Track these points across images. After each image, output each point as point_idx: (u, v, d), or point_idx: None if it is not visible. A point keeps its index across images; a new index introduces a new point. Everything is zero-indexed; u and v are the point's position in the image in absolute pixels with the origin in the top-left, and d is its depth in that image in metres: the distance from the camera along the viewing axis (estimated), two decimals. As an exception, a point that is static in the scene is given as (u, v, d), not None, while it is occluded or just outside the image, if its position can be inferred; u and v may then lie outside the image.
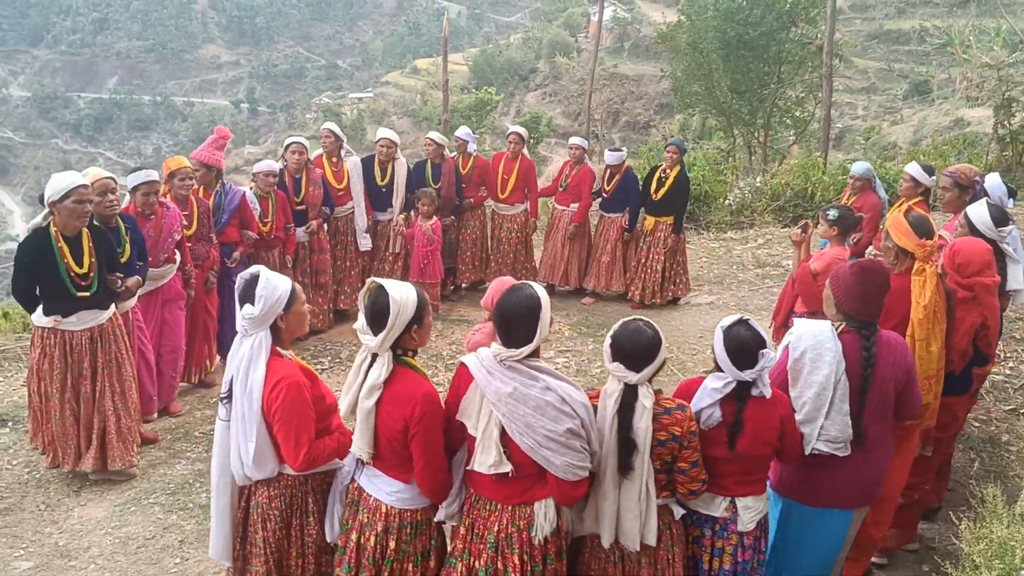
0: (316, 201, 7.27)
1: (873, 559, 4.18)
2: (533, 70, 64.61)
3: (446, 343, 7.51)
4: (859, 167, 6.97)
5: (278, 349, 3.12)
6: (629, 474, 2.93)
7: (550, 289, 8.82)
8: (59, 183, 4.48)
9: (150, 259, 5.37)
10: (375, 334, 2.91)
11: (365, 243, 7.80)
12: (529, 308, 2.84)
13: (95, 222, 4.78)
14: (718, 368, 3.14)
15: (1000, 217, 4.33)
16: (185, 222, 5.80)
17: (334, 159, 7.63)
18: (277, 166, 6.97)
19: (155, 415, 5.75)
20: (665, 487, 3.07)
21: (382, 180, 7.84)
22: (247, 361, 3.05)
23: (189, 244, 5.87)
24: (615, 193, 8.47)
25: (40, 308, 4.67)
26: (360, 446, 3.00)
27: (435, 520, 3.08)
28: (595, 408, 2.95)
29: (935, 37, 37.30)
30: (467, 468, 2.98)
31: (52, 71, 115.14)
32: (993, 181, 5.06)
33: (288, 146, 7.23)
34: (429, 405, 2.90)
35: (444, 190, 8.14)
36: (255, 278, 3.06)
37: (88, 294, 4.66)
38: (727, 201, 13.10)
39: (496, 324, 2.90)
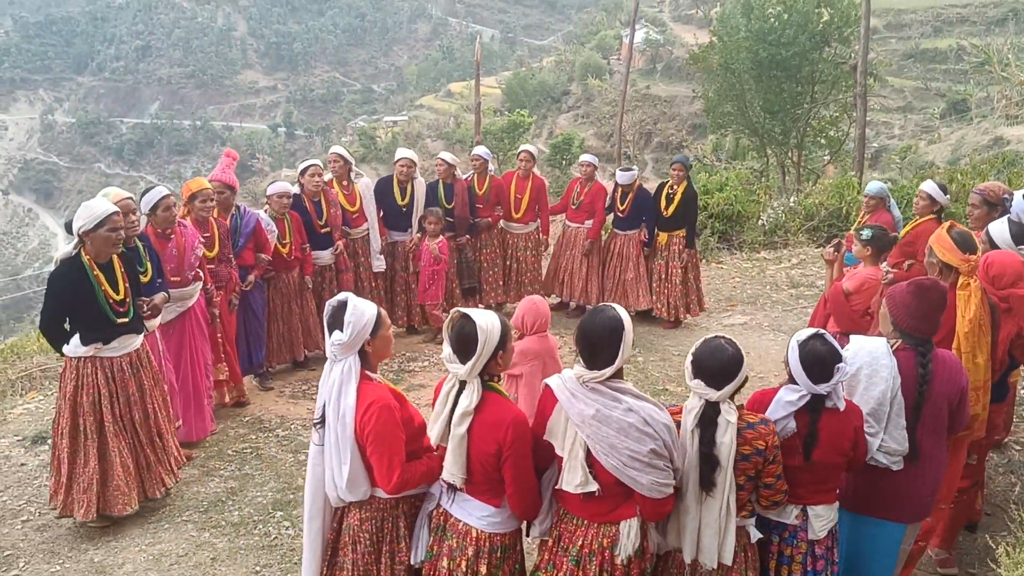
0: (338, 222, 7.35)
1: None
2: (565, 92, 64.88)
3: (477, 363, 7.51)
4: (873, 186, 7.03)
5: (368, 373, 3.14)
6: (712, 490, 2.95)
7: (563, 305, 8.95)
8: (92, 212, 4.39)
9: (178, 279, 5.39)
10: (462, 362, 2.97)
11: (379, 264, 7.81)
12: (612, 330, 2.90)
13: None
14: (792, 380, 3.18)
15: (1020, 234, 4.35)
16: (205, 244, 5.81)
17: (344, 182, 7.62)
18: (291, 188, 6.98)
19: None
20: (745, 505, 3.08)
21: (402, 200, 7.86)
22: (338, 386, 3.07)
23: (212, 266, 5.92)
24: (630, 211, 8.52)
25: (74, 339, 4.53)
26: (453, 472, 3.02)
27: (530, 537, 3.14)
28: (677, 424, 2.99)
29: (972, 55, 36.92)
30: (555, 486, 3.05)
31: (96, 97, 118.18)
32: (1019, 198, 5.00)
33: (305, 169, 7.23)
34: (520, 429, 2.95)
35: (458, 210, 8.13)
36: (343, 304, 3.09)
37: (127, 320, 4.61)
38: (760, 221, 13.01)
39: (579, 346, 2.96)
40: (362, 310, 3.08)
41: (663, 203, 8.38)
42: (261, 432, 6.09)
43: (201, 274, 5.69)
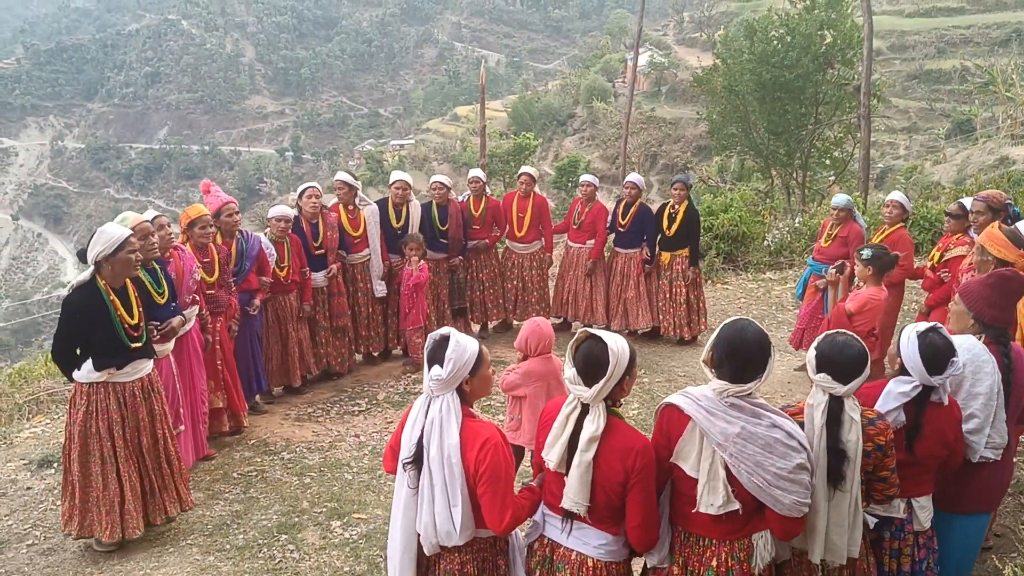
0: (334, 245, 7.39)
1: None
2: (571, 115, 65.20)
3: (482, 385, 7.51)
4: (839, 199, 7.42)
5: (469, 410, 3.03)
6: (840, 484, 2.94)
7: (566, 325, 8.94)
8: (110, 237, 4.41)
9: (175, 304, 5.30)
10: (588, 384, 2.86)
11: (380, 289, 7.85)
12: (760, 345, 2.82)
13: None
14: (903, 372, 3.22)
15: None
16: (205, 269, 5.82)
17: (350, 207, 7.68)
18: (291, 212, 7.03)
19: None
20: (863, 499, 3.11)
21: (398, 222, 7.91)
22: (438, 425, 2.93)
23: (212, 291, 5.92)
24: (631, 227, 8.57)
25: (86, 365, 4.51)
26: (577, 500, 2.88)
27: (650, 566, 3.03)
28: (800, 425, 2.96)
29: (977, 76, 37.00)
30: (674, 508, 2.99)
31: (106, 123, 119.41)
32: None
33: (303, 192, 7.29)
34: (648, 455, 2.86)
35: (452, 231, 8.20)
36: (445, 339, 2.97)
37: (140, 344, 4.61)
38: (765, 242, 13.02)
39: (726, 360, 2.85)
40: (464, 346, 2.96)
41: (665, 223, 8.47)
42: (266, 455, 6.09)
43: (198, 299, 5.68)
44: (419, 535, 3.02)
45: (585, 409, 2.89)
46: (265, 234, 6.77)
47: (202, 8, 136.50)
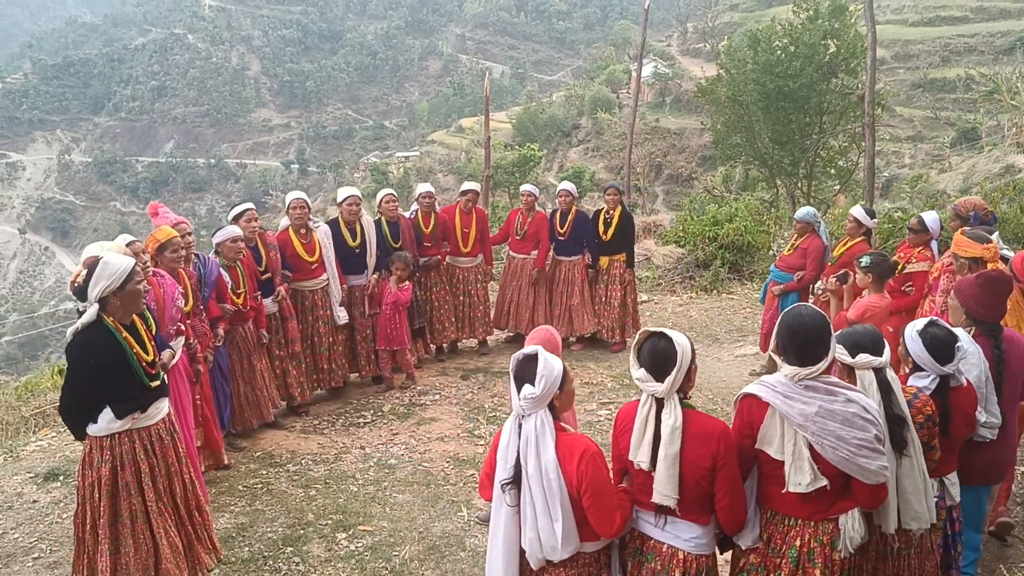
0: (277, 267, 6.80)
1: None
2: (575, 126, 65.36)
3: (488, 395, 7.52)
4: (802, 212, 7.72)
5: (560, 424, 3.08)
6: (905, 448, 3.12)
7: (516, 338, 8.93)
8: (115, 269, 3.87)
9: (160, 332, 4.70)
10: (659, 379, 2.96)
11: (342, 316, 7.29)
12: (819, 327, 2.99)
13: None
14: (917, 368, 3.49)
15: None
16: (182, 298, 5.23)
17: (303, 231, 7.05)
18: (240, 231, 6.29)
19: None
20: None
21: (353, 241, 7.41)
22: (534, 441, 2.98)
23: (189, 321, 5.41)
24: (570, 235, 8.65)
25: (103, 416, 3.94)
26: (667, 493, 2.98)
27: (743, 546, 3.12)
28: None
29: (981, 84, 36.96)
30: (762, 490, 3.12)
31: (112, 137, 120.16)
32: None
33: (240, 214, 6.53)
34: (729, 438, 2.99)
35: (406, 248, 7.85)
36: (533, 357, 3.03)
37: (159, 382, 4.13)
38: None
39: (790, 345, 3.01)
40: (552, 363, 3.03)
41: (601, 228, 8.68)
42: (272, 467, 6.09)
43: (183, 328, 5.22)
44: (524, 552, 3.09)
45: (660, 404, 3.00)
46: (213, 257, 6.10)
47: (208, 22, 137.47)
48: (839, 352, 3.21)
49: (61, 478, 5.94)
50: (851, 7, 19.66)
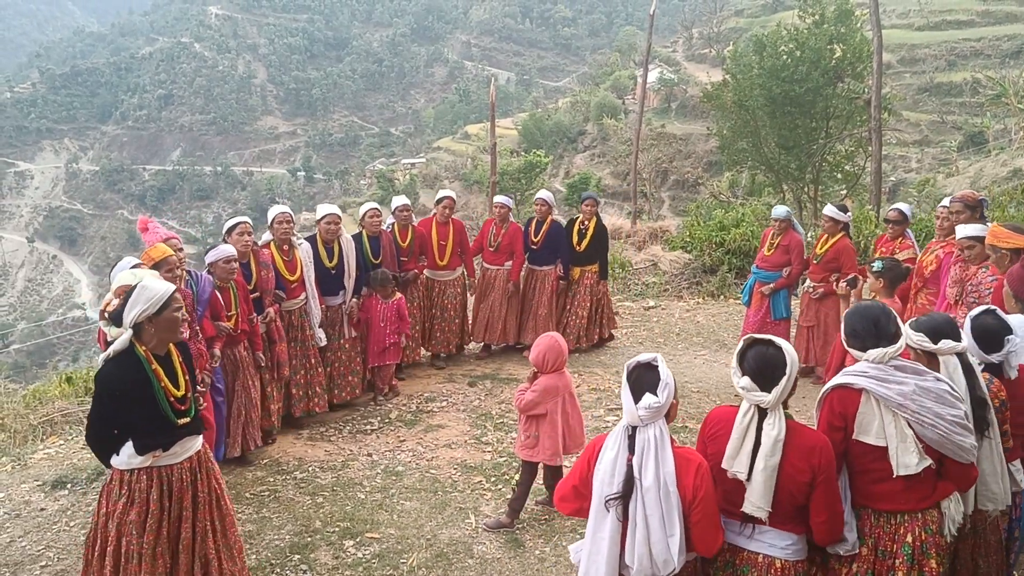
0: (269, 286, 6.43)
1: None
2: (581, 132, 65.48)
3: (495, 402, 7.50)
4: (779, 210, 7.92)
5: (672, 437, 3.01)
6: (988, 429, 3.18)
7: (487, 349, 8.85)
8: (153, 293, 3.69)
9: None
10: (766, 389, 2.88)
11: (322, 336, 6.99)
12: (885, 310, 3.10)
13: None
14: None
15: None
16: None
17: (285, 247, 6.66)
18: (234, 251, 5.93)
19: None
20: None
21: (330, 261, 7.07)
22: (653, 453, 2.89)
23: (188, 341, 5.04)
24: (544, 245, 8.58)
25: (125, 448, 3.76)
26: (760, 504, 2.90)
27: (843, 552, 3.06)
28: None
29: (988, 88, 36.91)
30: (859, 489, 3.09)
31: (119, 145, 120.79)
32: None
33: (233, 228, 6.26)
34: (829, 451, 2.92)
35: (386, 264, 7.66)
36: (651, 366, 2.98)
37: (188, 419, 3.86)
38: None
39: (860, 331, 3.07)
40: (668, 372, 2.97)
41: (575, 238, 8.69)
42: (279, 475, 6.08)
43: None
44: (630, 567, 2.95)
45: (762, 414, 2.91)
46: (205, 274, 5.85)
47: (214, 31, 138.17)
48: (920, 339, 3.24)
49: (69, 486, 5.93)
50: (857, 12, 19.65)
